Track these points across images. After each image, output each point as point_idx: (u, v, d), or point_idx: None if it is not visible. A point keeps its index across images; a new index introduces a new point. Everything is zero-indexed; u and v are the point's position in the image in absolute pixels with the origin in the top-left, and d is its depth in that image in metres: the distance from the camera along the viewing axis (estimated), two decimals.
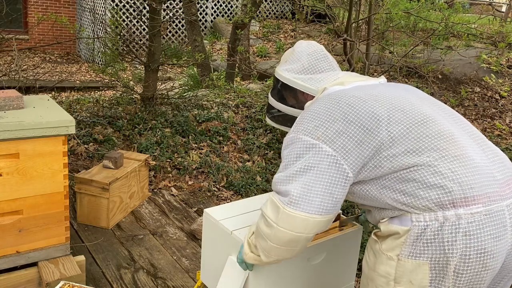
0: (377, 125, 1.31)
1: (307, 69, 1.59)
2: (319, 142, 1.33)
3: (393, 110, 1.33)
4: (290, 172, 1.35)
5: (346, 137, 1.31)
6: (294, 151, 1.37)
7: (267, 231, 1.38)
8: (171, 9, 9.19)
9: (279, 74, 1.62)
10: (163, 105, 5.31)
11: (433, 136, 1.30)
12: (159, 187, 3.86)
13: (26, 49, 9.87)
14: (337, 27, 5.69)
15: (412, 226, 1.28)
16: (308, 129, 1.37)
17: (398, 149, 1.29)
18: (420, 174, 1.27)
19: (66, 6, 11.61)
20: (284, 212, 1.33)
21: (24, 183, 2.19)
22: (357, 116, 1.33)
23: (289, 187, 1.33)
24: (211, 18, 11.81)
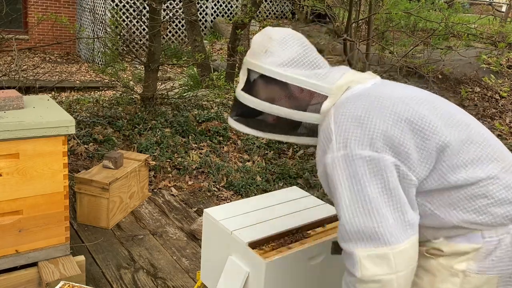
0: (434, 130, 1.17)
1: (302, 63, 1.32)
2: (383, 154, 1.13)
3: (441, 115, 1.20)
4: (369, 208, 1.11)
5: (407, 143, 1.14)
6: (357, 172, 1.13)
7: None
8: (171, 9, 9.19)
9: (270, 70, 1.31)
10: (163, 105, 5.31)
11: (484, 144, 1.20)
12: (159, 187, 3.86)
13: (26, 49, 9.87)
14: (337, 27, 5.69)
15: (484, 242, 1.17)
16: (362, 141, 1.14)
17: (460, 159, 1.17)
18: (489, 189, 1.16)
19: (66, 6, 11.60)
20: (396, 254, 1.11)
21: (24, 183, 2.19)
22: (411, 120, 1.17)
23: (376, 223, 1.10)
24: (211, 18, 11.81)
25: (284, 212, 1.95)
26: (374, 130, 1.14)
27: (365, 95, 1.23)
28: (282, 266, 1.69)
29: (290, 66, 1.31)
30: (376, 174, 1.12)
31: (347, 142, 1.15)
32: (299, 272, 1.77)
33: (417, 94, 1.26)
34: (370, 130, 1.15)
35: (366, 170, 1.12)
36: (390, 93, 1.24)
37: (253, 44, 1.37)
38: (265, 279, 1.66)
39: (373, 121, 1.16)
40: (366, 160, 1.13)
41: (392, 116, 1.16)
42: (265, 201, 2.08)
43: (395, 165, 1.13)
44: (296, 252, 1.71)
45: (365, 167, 1.13)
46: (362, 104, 1.20)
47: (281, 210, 1.98)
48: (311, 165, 4.37)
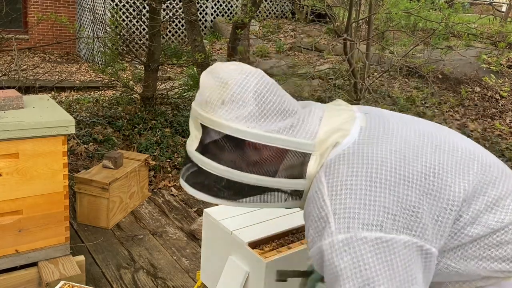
0: (445, 184, 0.98)
1: (265, 113, 1.03)
2: (394, 235, 0.93)
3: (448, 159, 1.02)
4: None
5: (421, 213, 0.95)
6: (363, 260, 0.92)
7: None
8: (171, 9, 9.19)
9: (233, 128, 1.01)
10: (163, 105, 5.31)
11: (499, 178, 1.04)
12: (159, 187, 3.86)
13: (26, 49, 9.86)
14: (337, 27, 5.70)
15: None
16: (368, 220, 0.93)
17: (477, 208, 1.00)
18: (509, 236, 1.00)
19: (66, 6, 11.60)
20: None
21: (24, 183, 2.19)
22: (419, 181, 0.97)
23: None
24: (211, 18, 11.81)
25: (284, 212, 1.95)
26: (382, 205, 0.94)
27: (359, 156, 1.00)
28: (282, 266, 1.69)
29: (257, 120, 1.02)
30: (385, 259, 0.93)
31: (350, 224, 0.94)
32: None
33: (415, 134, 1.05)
34: (377, 206, 0.94)
35: (374, 256, 0.92)
36: (385, 147, 1.01)
37: (204, 89, 1.06)
38: (265, 279, 1.66)
39: (378, 194, 0.95)
40: (373, 243, 0.92)
41: (399, 181, 0.96)
42: None
43: (409, 244, 0.94)
44: (296, 252, 1.71)
45: (372, 252, 0.92)
46: (361, 172, 0.97)
47: (281, 210, 1.98)
48: None
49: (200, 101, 1.06)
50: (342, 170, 0.98)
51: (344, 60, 5.52)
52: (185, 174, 1.11)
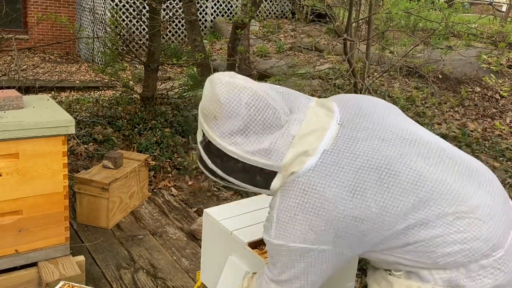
0: (380, 219, 1.18)
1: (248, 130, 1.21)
2: (317, 246, 1.20)
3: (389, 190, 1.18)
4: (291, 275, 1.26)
5: (347, 235, 1.19)
6: (289, 258, 1.24)
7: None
8: (171, 9, 9.19)
9: (219, 143, 1.23)
10: (163, 105, 5.31)
11: (439, 200, 1.18)
12: (159, 187, 3.86)
13: (26, 49, 9.87)
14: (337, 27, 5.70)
15: (435, 280, 1.22)
16: (297, 236, 1.20)
17: (405, 225, 1.18)
18: (433, 245, 1.18)
19: (66, 6, 11.60)
20: None
21: (24, 183, 2.19)
22: (351, 210, 1.17)
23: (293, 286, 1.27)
24: (211, 18, 11.81)
25: None
26: (310, 227, 1.19)
27: (304, 187, 1.19)
28: None
29: (238, 137, 1.21)
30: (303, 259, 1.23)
31: (284, 235, 1.21)
32: None
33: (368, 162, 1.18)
34: (309, 226, 1.19)
35: (296, 256, 1.23)
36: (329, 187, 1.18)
37: (204, 98, 1.27)
38: None
39: (308, 219, 1.18)
40: (299, 249, 1.21)
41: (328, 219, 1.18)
42: (265, 201, 2.07)
43: (331, 251, 1.21)
44: None
45: (295, 254, 1.22)
46: (299, 200, 1.19)
47: None
48: None
49: (201, 107, 1.27)
50: (289, 198, 1.21)
51: (344, 60, 5.52)
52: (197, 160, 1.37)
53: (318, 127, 1.23)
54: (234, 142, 1.22)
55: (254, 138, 1.21)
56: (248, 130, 1.21)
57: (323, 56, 9.07)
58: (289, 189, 1.21)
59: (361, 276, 2.77)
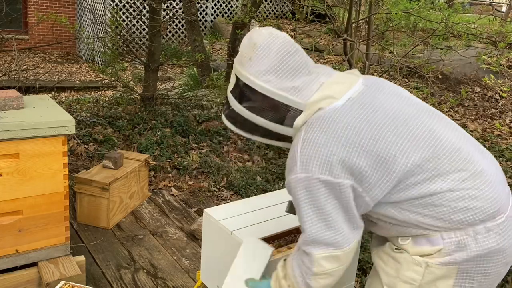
0: (395, 157, 1.26)
1: (281, 73, 1.34)
2: (340, 179, 1.26)
3: (405, 137, 1.28)
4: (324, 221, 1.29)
5: (367, 170, 1.25)
6: (317, 194, 1.27)
7: (333, 278, 1.36)
8: (171, 9, 9.19)
9: (251, 81, 1.35)
10: (163, 105, 5.31)
11: (450, 156, 1.28)
12: (159, 187, 3.86)
13: (26, 49, 9.87)
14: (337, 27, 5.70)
15: (445, 243, 1.28)
16: (322, 166, 1.25)
17: (421, 177, 1.26)
18: (447, 199, 1.26)
19: (66, 6, 11.60)
20: (345, 253, 1.33)
21: (24, 183, 2.19)
22: (373, 148, 1.25)
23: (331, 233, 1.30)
24: (211, 18, 11.81)
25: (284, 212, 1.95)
26: (333, 157, 1.25)
27: (329, 120, 1.29)
28: None
29: (270, 75, 1.34)
30: (333, 194, 1.27)
31: (309, 167, 1.26)
32: None
33: (386, 113, 1.30)
34: (329, 157, 1.25)
35: (324, 191, 1.27)
36: (357, 116, 1.28)
37: (241, 48, 1.41)
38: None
39: (332, 148, 1.25)
40: (324, 183, 1.26)
41: (350, 144, 1.25)
42: (265, 201, 2.08)
43: (352, 187, 1.26)
44: None
45: (323, 189, 1.26)
46: (324, 131, 1.27)
47: (281, 210, 1.98)
48: None
49: (238, 56, 1.41)
50: (313, 128, 1.30)
51: (344, 60, 5.52)
52: (223, 108, 1.48)
53: (345, 81, 1.36)
54: (266, 80, 1.33)
55: (285, 78, 1.34)
56: (280, 70, 1.33)
57: (323, 56, 9.06)
58: (314, 123, 1.30)
59: (361, 276, 2.78)
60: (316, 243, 1.31)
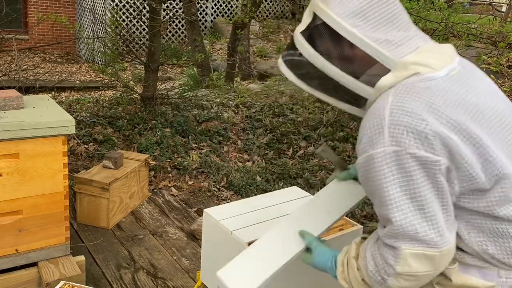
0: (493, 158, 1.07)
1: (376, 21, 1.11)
2: (439, 157, 1.03)
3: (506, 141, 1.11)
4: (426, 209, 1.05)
5: (466, 155, 1.04)
6: (411, 172, 1.04)
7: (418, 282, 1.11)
8: (171, 9, 9.19)
9: (335, 22, 1.11)
10: (163, 105, 5.31)
11: None
12: (159, 187, 3.86)
13: (26, 49, 9.87)
14: None
15: (500, 282, 1.11)
16: (419, 140, 1.03)
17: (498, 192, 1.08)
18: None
19: (66, 6, 11.61)
20: (443, 255, 1.07)
21: (24, 183, 2.19)
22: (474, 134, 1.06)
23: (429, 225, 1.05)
24: (211, 18, 11.81)
25: (284, 212, 1.95)
26: (431, 131, 1.03)
27: (431, 90, 1.07)
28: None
29: (359, 20, 1.11)
30: (430, 176, 1.04)
31: (402, 139, 1.03)
32: (298, 272, 1.77)
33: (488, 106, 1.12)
34: (427, 130, 1.03)
35: (421, 171, 1.03)
36: (458, 97, 1.09)
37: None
38: None
39: (431, 120, 1.03)
40: (421, 160, 1.03)
41: (451, 122, 1.05)
42: (265, 201, 2.08)
43: (447, 169, 1.05)
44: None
45: (419, 167, 1.03)
46: (422, 100, 1.06)
47: (281, 210, 1.98)
48: (311, 165, 4.36)
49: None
50: (409, 96, 1.06)
51: None
52: (283, 53, 1.25)
53: (445, 53, 1.16)
54: (354, 24, 1.10)
55: (376, 27, 1.11)
56: (371, 16, 1.11)
57: None
58: (408, 88, 1.07)
59: None
60: (406, 237, 1.05)
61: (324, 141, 4.91)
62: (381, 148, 1.05)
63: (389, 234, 1.09)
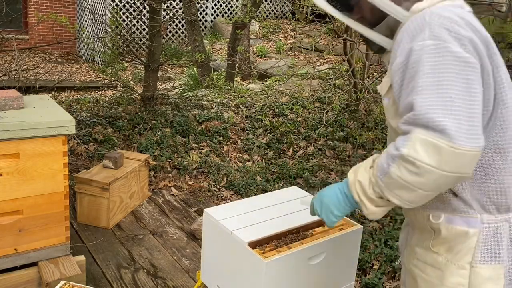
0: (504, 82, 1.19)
1: None
2: (472, 57, 1.10)
3: None
4: (449, 96, 1.06)
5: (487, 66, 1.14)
6: (445, 63, 1.08)
7: (419, 180, 1.08)
8: (171, 9, 9.20)
9: None
10: (163, 105, 5.32)
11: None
12: (159, 187, 3.86)
13: (26, 49, 9.86)
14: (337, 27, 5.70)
15: (483, 227, 1.20)
16: (456, 39, 1.10)
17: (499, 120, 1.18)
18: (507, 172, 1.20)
19: (66, 6, 11.61)
20: (452, 152, 1.04)
21: (24, 183, 2.19)
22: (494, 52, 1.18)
23: (451, 118, 1.04)
24: (211, 18, 11.81)
25: (284, 212, 1.96)
26: (468, 36, 1.12)
27: (463, 11, 1.21)
28: (282, 266, 1.70)
29: None
30: (462, 72, 1.08)
31: (441, 35, 1.11)
32: (299, 272, 1.77)
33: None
34: (465, 36, 1.12)
35: (454, 64, 1.08)
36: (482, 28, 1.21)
37: None
38: (265, 279, 1.66)
39: (467, 29, 1.13)
40: (456, 55, 1.09)
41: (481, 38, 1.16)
42: (265, 201, 2.08)
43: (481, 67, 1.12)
44: (296, 252, 1.71)
45: (454, 61, 1.09)
46: (459, 14, 1.17)
47: (281, 210, 1.98)
48: (311, 165, 4.37)
49: None
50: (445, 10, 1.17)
51: (344, 60, 5.52)
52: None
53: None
54: None
55: None
56: None
57: (323, 56, 9.06)
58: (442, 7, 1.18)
59: (361, 276, 2.78)
60: (423, 123, 1.06)
61: (324, 141, 4.92)
62: (421, 41, 1.13)
63: (408, 120, 1.10)
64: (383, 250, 2.96)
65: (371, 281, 2.69)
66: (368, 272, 2.82)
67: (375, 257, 2.92)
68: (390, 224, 3.30)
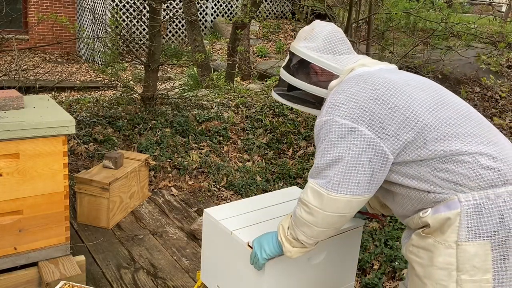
0: (418, 110, 1.35)
1: (327, 50, 1.59)
2: (358, 126, 1.36)
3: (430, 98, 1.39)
4: (330, 158, 1.38)
5: (386, 119, 1.35)
6: (332, 135, 1.39)
7: (312, 218, 1.43)
8: (171, 9, 9.20)
9: (300, 51, 1.62)
10: (163, 105, 5.31)
11: (471, 122, 1.37)
12: (159, 187, 3.86)
13: (26, 49, 9.86)
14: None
15: (462, 206, 1.29)
16: (345, 112, 1.39)
17: (442, 132, 1.33)
18: (470, 158, 1.30)
19: (66, 6, 11.61)
20: (329, 198, 1.38)
21: (24, 183, 2.19)
22: (396, 100, 1.36)
23: (330, 172, 1.37)
24: (211, 18, 11.81)
25: (284, 212, 1.96)
26: (359, 106, 1.38)
27: (363, 76, 1.46)
28: (282, 266, 1.70)
29: (319, 51, 1.59)
30: (345, 138, 1.37)
31: (332, 111, 1.42)
32: (299, 272, 1.77)
33: (412, 79, 1.46)
34: (355, 105, 1.38)
35: (339, 134, 1.38)
36: (385, 75, 1.44)
37: (300, 32, 1.68)
38: (265, 279, 1.66)
39: (360, 98, 1.39)
40: (342, 126, 1.38)
41: (379, 96, 1.38)
42: (265, 201, 2.08)
43: (371, 139, 1.35)
44: None
45: (339, 131, 1.38)
46: (356, 83, 1.44)
47: (281, 210, 1.99)
48: (311, 165, 4.37)
49: (297, 36, 1.68)
50: (345, 82, 1.48)
51: None
52: (275, 86, 1.73)
53: (381, 63, 1.60)
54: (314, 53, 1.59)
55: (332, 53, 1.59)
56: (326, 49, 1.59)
57: None
58: (347, 80, 1.49)
59: (361, 276, 2.78)
60: (316, 174, 1.42)
61: None
62: (319, 118, 1.46)
63: (310, 173, 1.46)
64: (383, 250, 2.96)
65: (371, 281, 2.69)
66: (368, 272, 2.82)
67: (375, 257, 2.92)
68: (390, 224, 3.30)
